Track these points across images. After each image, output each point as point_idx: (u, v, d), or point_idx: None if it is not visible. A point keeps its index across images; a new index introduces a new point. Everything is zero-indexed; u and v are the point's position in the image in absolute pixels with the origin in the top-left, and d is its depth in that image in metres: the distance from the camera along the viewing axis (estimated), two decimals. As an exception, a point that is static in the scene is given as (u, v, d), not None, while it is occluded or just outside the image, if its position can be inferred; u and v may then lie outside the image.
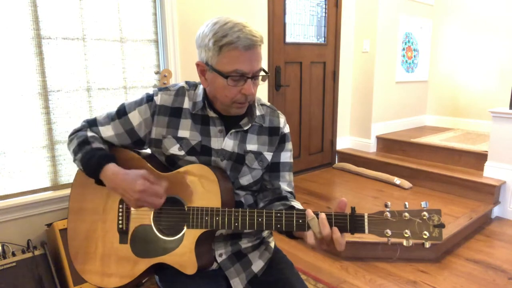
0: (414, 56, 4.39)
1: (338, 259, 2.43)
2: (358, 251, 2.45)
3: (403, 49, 4.22)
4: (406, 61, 4.29)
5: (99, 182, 1.10)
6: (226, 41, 0.99)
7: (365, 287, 2.14)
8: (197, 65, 1.10)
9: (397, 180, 3.40)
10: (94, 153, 1.09)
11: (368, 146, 4.07)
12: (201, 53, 1.07)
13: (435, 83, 4.61)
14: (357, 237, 2.44)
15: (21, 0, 2.02)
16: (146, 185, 1.02)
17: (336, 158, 4.14)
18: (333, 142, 4.10)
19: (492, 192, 3.03)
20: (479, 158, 3.28)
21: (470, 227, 2.76)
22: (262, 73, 1.07)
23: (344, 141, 4.21)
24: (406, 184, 3.36)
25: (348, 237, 2.59)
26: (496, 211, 3.11)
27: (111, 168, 1.07)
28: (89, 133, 1.16)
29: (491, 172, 3.15)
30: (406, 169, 3.52)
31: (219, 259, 1.15)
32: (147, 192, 1.01)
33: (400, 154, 3.87)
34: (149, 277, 1.86)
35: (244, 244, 1.20)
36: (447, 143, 3.65)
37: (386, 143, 4.01)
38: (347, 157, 4.05)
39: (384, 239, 0.92)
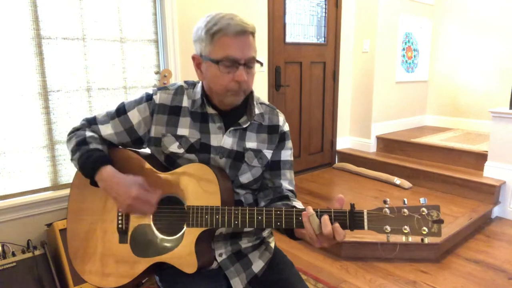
0: (414, 56, 4.39)
1: (338, 259, 2.43)
2: (358, 251, 2.45)
3: (403, 49, 4.22)
4: (406, 61, 4.29)
5: (94, 183, 1.10)
6: (217, 28, 1.03)
7: (365, 287, 2.14)
8: (193, 58, 1.12)
9: (397, 180, 3.40)
10: (90, 154, 1.09)
11: (368, 146, 4.07)
12: (196, 47, 1.10)
13: (435, 83, 4.61)
14: (358, 237, 2.44)
15: (21, 0, 2.02)
16: (141, 192, 1.03)
17: (336, 158, 4.14)
18: (333, 142, 4.09)
19: (492, 192, 3.03)
20: (479, 158, 3.28)
21: (470, 227, 2.76)
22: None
23: (344, 141, 4.21)
24: (406, 184, 3.36)
25: (349, 236, 2.59)
26: (496, 211, 3.11)
27: (107, 171, 1.07)
28: (88, 133, 1.15)
29: (491, 172, 3.15)
30: (406, 169, 3.52)
31: (219, 259, 1.15)
32: (140, 200, 1.03)
33: (400, 154, 3.87)
34: (149, 277, 1.86)
35: (244, 244, 1.20)
36: (447, 143, 3.65)
37: (386, 143, 4.01)
38: (347, 157, 4.05)
39: (384, 238, 0.92)
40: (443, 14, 4.42)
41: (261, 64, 1.11)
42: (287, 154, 1.24)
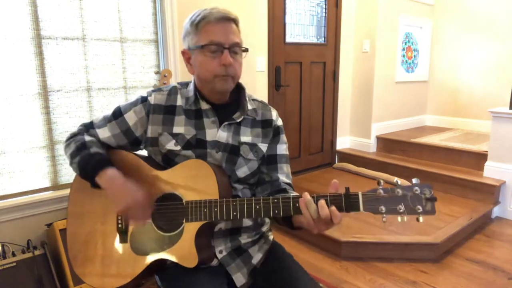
0: (414, 56, 4.39)
1: (338, 259, 2.43)
2: (358, 251, 2.45)
3: (403, 49, 4.22)
4: (406, 61, 4.29)
5: (95, 185, 1.10)
6: (200, 18, 1.11)
7: (365, 287, 2.14)
8: (183, 53, 1.19)
9: (397, 180, 3.40)
10: (92, 157, 1.11)
11: (368, 146, 4.07)
12: (185, 43, 1.17)
13: (435, 83, 4.61)
14: (357, 237, 2.44)
15: (21, 0, 2.02)
16: (138, 199, 1.05)
17: (336, 158, 4.14)
18: (333, 142, 4.09)
19: (492, 192, 3.03)
20: (479, 158, 3.28)
21: (470, 227, 2.76)
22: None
23: (344, 141, 4.21)
24: (406, 184, 3.35)
25: (349, 236, 2.59)
26: (496, 211, 3.11)
27: (108, 173, 1.07)
28: (87, 138, 1.17)
29: (491, 172, 3.15)
30: (406, 169, 3.52)
31: (219, 256, 1.15)
32: (136, 205, 1.05)
33: (400, 154, 3.87)
34: (149, 278, 1.86)
35: (244, 239, 1.21)
36: (447, 143, 3.65)
37: (386, 143, 4.01)
38: (347, 157, 4.05)
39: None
40: (443, 14, 4.42)
41: (247, 50, 1.15)
42: (282, 148, 1.26)
